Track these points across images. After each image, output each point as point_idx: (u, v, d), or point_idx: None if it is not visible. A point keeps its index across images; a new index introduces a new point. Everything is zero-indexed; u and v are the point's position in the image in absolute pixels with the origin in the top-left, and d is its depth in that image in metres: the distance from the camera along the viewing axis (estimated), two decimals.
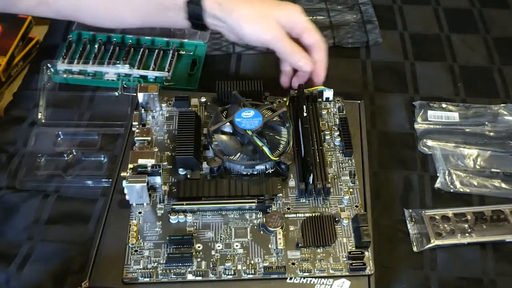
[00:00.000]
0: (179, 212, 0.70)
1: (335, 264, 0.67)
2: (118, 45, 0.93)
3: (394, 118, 0.87)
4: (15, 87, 0.92)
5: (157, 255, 0.68)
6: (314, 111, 0.79)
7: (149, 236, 0.69)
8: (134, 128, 0.76)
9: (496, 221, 0.75)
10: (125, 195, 0.70)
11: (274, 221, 0.69)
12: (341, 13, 1.02)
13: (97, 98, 0.88)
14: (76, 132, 0.83)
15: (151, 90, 0.79)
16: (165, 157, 0.76)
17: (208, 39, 0.96)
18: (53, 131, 0.83)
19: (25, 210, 0.75)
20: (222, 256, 0.68)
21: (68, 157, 0.80)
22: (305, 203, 0.72)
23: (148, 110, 0.81)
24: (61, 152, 0.81)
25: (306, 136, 0.75)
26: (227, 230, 0.70)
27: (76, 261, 0.70)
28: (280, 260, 0.67)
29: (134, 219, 0.70)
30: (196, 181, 0.72)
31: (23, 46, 0.99)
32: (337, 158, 0.76)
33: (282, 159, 0.73)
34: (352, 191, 0.73)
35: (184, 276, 0.66)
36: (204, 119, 0.80)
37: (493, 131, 0.85)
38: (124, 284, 0.65)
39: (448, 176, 0.79)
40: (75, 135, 0.83)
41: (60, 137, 0.83)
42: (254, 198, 0.71)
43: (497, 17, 1.03)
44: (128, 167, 0.69)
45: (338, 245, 0.68)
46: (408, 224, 0.75)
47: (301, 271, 0.66)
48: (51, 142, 0.82)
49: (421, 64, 0.95)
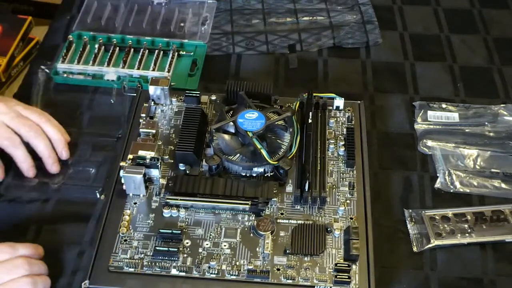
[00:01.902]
0: (173, 206, 0.71)
1: (320, 274, 0.67)
2: (118, 45, 0.93)
3: (394, 118, 0.87)
4: (15, 88, 0.92)
5: (145, 246, 0.68)
6: (323, 119, 0.79)
7: (140, 227, 0.70)
8: (141, 120, 0.77)
9: (496, 221, 0.75)
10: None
11: (265, 225, 0.70)
12: (341, 14, 1.02)
13: (96, 99, 0.88)
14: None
15: (162, 83, 0.80)
16: (168, 151, 0.77)
17: (208, 39, 0.96)
18: None
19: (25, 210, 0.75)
20: (209, 254, 0.68)
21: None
22: (300, 210, 0.72)
23: (159, 103, 0.82)
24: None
25: (308, 143, 0.75)
26: (218, 229, 0.70)
27: (76, 261, 0.71)
28: (265, 265, 0.67)
29: (128, 208, 0.71)
30: (194, 178, 0.73)
31: (23, 47, 0.99)
32: (339, 168, 0.76)
33: (281, 163, 0.73)
34: (349, 202, 0.73)
35: (168, 270, 0.66)
36: (211, 117, 0.81)
37: (493, 131, 0.85)
38: (109, 272, 0.66)
39: (448, 176, 0.79)
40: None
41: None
42: (248, 200, 0.71)
43: (497, 17, 1.03)
44: (128, 157, 0.71)
45: (326, 255, 0.68)
46: (408, 224, 0.75)
47: (285, 277, 0.66)
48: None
49: (421, 64, 0.95)
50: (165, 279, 0.66)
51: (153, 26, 0.98)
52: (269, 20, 1.01)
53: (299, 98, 0.81)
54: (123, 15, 0.99)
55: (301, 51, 0.96)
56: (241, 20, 1.00)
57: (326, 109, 0.81)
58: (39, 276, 0.65)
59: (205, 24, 0.98)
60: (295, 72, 0.93)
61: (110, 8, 1.00)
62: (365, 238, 0.69)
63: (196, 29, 0.97)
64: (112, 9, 1.00)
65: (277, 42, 0.97)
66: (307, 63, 0.95)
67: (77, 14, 0.99)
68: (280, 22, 1.01)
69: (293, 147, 0.75)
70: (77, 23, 0.97)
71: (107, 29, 0.97)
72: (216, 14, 1.00)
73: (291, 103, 0.82)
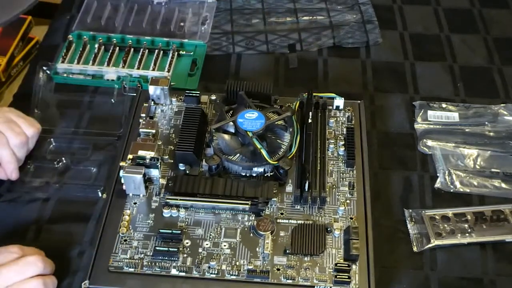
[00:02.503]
0: (173, 206, 0.71)
1: (320, 274, 0.67)
2: (118, 45, 0.93)
3: (394, 118, 0.87)
4: (15, 87, 0.92)
5: (145, 246, 0.68)
6: (322, 119, 0.79)
7: (140, 227, 0.70)
8: (141, 120, 0.78)
9: (496, 221, 0.75)
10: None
11: (265, 225, 0.70)
12: (341, 13, 1.02)
13: (97, 99, 0.88)
14: (68, 140, 0.82)
15: (162, 83, 0.80)
16: (168, 151, 0.77)
17: (208, 39, 0.96)
18: (45, 138, 0.81)
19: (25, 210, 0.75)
20: (209, 254, 0.68)
21: (58, 165, 0.79)
22: (300, 210, 0.72)
23: (159, 103, 0.82)
24: (52, 160, 0.79)
25: (308, 142, 0.75)
26: (218, 229, 0.70)
27: (76, 261, 0.71)
28: (265, 265, 0.67)
29: (128, 208, 0.71)
30: (194, 178, 0.73)
31: (23, 46, 0.99)
32: (339, 168, 0.76)
33: (281, 163, 0.73)
34: (349, 202, 0.73)
35: (168, 270, 0.66)
36: (211, 117, 0.81)
37: (493, 131, 0.85)
38: (109, 272, 0.66)
39: (448, 176, 0.79)
40: (68, 143, 0.82)
41: (52, 144, 0.81)
42: (248, 200, 0.71)
43: (497, 17, 1.03)
44: (127, 157, 0.71)
45: (326, 255, 0.68)
46: (408, 224, 0.75)
47: (285, 277, 0.66)
48: (43, 149, 0.80)
49: (421, 64, 0.95)
50: (165, 279, 0.66)
51: (153, 26, 0.98)
52: (269, 19, 1.01)
53: (299, 98, 0.81)
54: (123, 15, 0.99)
55: (301, 50, 0.96)
56: (241, 19, 1.00)
57: (326, 109, 0.81)
58: (48, 276, 0.65)
59: (205, 23, 0.98)
60: (295, 72, 0.93)
61: (110, 8, 1.00)
62: (365, 238, 0.69)
63: (196, 29, 0.97)
64: (112, 9, 1.00)
65: (277, 41, 0.97)
66: (307, 63, 0.95)
67: (77, 14, 0.99)
68: (280, 21, 1.01)
69: (293, 147, 0.75)
70: (77, 23, 0.97)
71: (107, 29, 0.97)
72: (216, 13, 1.00)
73: (291, 103, 0.82)
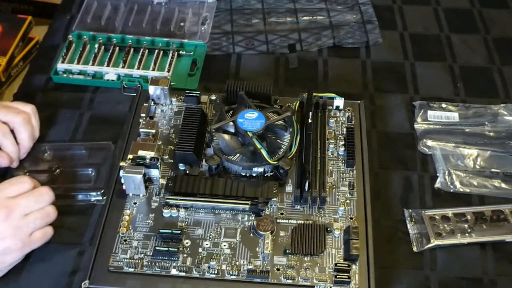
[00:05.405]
0: (173, 206, 0.71)
1: (320, 274, 0.67)
2: (118, 45, 0.93)
3: (394, 118, 0.87)
4: (15, 87, 0.93)
5: (145, 246, 0.68)
6: (323, 119, 0.79)
7: (140, 227, 0.70)
8: (141, 120, 0.78)
9: (496, 221, 0.75)
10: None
11: (265, 225, 0.70)
12: (341, 13, 1.02)
13: (97, 98, 0.88)
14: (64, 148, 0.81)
15: (162, 83, 0.80)
16: (168, 150, 0.77)
17: (208, 39, 0.96)
18: (40, 146, 0.80)
19: None
20: (209, 254, 0.68)
21: (55, 171, 0.78)
22: (300, 210, 0.72)
23: (159, 103, 0.82)
24: (47, 167, 0.79)
25: (308, 142, 0.75)
26: (218, 229, 0.70)
27: (76, 261, 0.71)
28: (265, 265, 0.67)
29: (128, 208, 0.71)
30: (194, 178, 0.73)
31: (23, 46, 0.99)
32: (339, 168, 0.76)
33: (281, 163, 0.73)
34: (349, 202, 0.73)
35: (168, 270, 0.66)
36: (211, 117, 0.81)
37: (493, 131, 0.85)
38: (110, 272, 0.66)
39: (448, 176, 0.79)
40: (63, 150, 0.81)
41: (46, 153, 0.80)
42: (248, 200, 0.71)
43: (497, 17, 1.03)
44: (127, 157, 0.71)
45: (326, 255, 0.68)
46: (408, 224, 0.75)
47: (285, 277, 0.66)
48: (38, 156, 0.80)
49: (421, 64, 0.95)
50: (165, 279, 0.66)
51: (153, 26, 0.98)
52: (269, 19, 1.01)
53: (299, 98, 0.81)
54: (123, 15, 0.99)
55: (301, 51, 0.96)
56: (241, 19, 1.00)
57: (326, 109, 0.81)
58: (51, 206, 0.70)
59: (205, 23, 0.98)
60: (295, 72, 0.93)
61: (110, 8, 1.00)
62: (365, 238, 0.69)
63: (196, 29, 0.97)
64: (112, 9, 1.00)
65: (277, 42, 0.97)
66: (307, 63, 0.95)
67: (77, 14, 0.99)
68: (280, 21, 1.01)
69: (293, 147, 0.75)
70: (77, 23, 0.97)
71: (107, 29, 0.97)
72: (216, 13, 1.00)
73: (291, 103, 0.82)
